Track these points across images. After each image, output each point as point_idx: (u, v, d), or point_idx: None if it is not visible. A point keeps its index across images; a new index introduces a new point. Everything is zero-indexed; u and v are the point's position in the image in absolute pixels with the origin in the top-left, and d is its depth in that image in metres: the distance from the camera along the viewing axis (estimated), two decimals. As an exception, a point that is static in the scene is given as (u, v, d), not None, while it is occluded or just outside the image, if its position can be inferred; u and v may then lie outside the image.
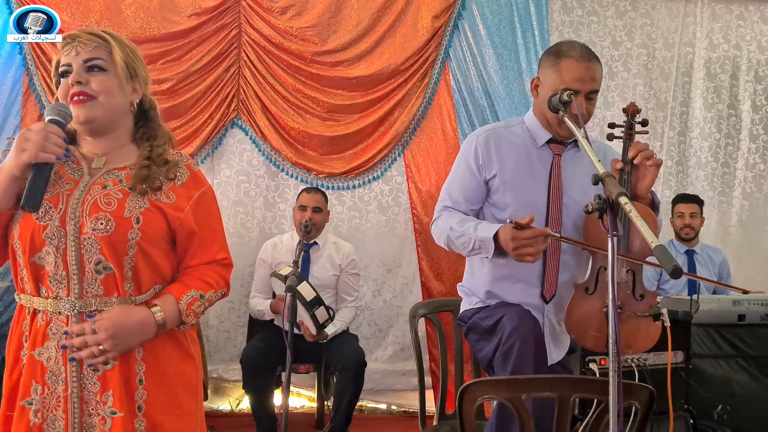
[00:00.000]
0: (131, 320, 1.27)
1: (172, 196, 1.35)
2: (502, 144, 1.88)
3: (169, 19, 3.50)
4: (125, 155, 1.38)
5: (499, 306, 1.80)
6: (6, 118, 3.42)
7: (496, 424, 1.66)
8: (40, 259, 1.28)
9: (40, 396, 1.28)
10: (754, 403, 2.64)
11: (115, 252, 1.28)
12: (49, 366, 1.28)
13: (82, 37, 1.33)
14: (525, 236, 1.63)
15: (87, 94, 1.31)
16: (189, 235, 1.37)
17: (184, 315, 1.33)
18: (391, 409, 3.75)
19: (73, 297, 1.28)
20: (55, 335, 1.28)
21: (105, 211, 1.28)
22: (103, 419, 1.28)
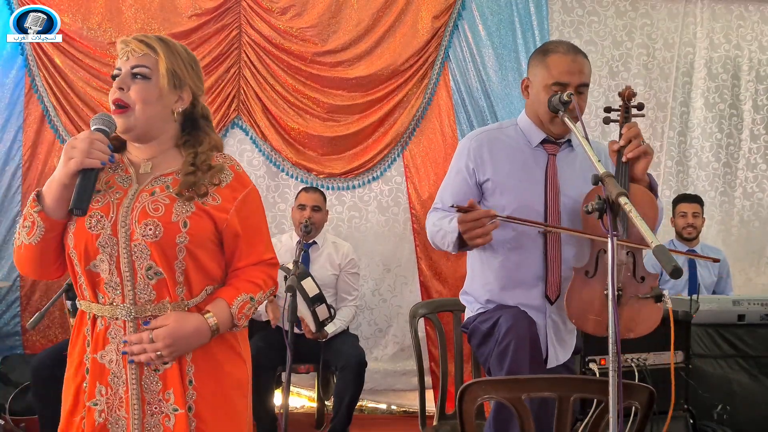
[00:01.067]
0: (187, 328, 1.32)
1: (217, 198, 1.38)
2: (495, 146, 1.88)
3: (170, 20, 3.50)
4: (170, 160, 1.41)
5: (497, 309, 1.80)
6: (8, 119, 3.42)
7: (494, 424, 1.66)
8: (95, 267, 1.32)
9: (104, 397, 1.33)
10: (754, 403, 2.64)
11: (165, 256, 1.31)
12: (111, 368, 1.33)
13: (132, 44, 1.37)
14: (469, 219, 1.65)
15: (124, 103, 1.34)
16: (234, 236, 1.40)
17: (236, 319, 1.38)
18: (391, 409, 3.75)
19: (128, 303, 1.32)
20: (114, 339, 1.33)
21: (153, 217, 1.32)
22: (167, 416, 1.32)
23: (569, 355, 1.85)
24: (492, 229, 1.67)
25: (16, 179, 3.44)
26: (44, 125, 3.46)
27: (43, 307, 2.50)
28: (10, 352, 3.41)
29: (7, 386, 3.20)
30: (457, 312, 2.50)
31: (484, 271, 1.89)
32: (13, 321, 3.42)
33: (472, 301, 1.91)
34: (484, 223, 1.65)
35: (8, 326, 3.42)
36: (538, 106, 1.83)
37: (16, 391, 3.12)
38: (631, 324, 1.68)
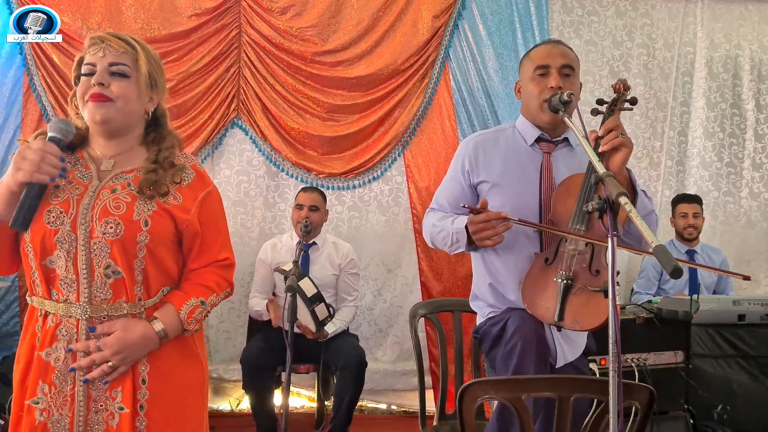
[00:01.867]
0: (134, 335, 1.31)
1: (179, 197, 1.38)
2: (490, 148, 1.89)
3: (170, 20, 3.50)
4: (133, 158, 1.41)
5: (506, 312, 1.80)
6: (6, 119, 3.42)
7: (497, 425, 1.65)
8: (51, 262, 1.30)
9: (46, 395, 1.30)
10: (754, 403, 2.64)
11: (125, 255, 1.30)
12: (57, 366, 1.30)
13: (111, 41, 1.36)
14: (479, 220, 1.67)
15: (106, 97, 1.33)
16: (194, 235, 1.40)
17: (186, 324, 1.37)
18: (391, 409, 3.75)
19: (83, 301, 1.30)
20: (64, 337, 1.31)
21: (114, 215, 1.31)
22: (112, 414, 1.31)
23: (578, 353, 1.83)
24: (502, 231, 1.67)
25: (15, 179, 3.44)
26: (42, 125, 3.44)
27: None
28: (9, 352, 3.40)
29: (7, 386, 3.20)
30: (457, 312, 2.50)
31: (487, 273, 1.89)
32: (12, 321, 3.42)
33: (482, 306, 1.91)
34: (494, 224, 1.66)
35: (8, 326, 3.41)
36: (529, 99, 1.85)
37: (16, 391, 3.11)
38: (576, 315, 1.66)
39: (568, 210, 1.73)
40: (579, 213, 1.70)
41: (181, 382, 1.38)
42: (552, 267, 1.73)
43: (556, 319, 1.67)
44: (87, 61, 1.36)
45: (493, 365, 1.82)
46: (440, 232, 1.84)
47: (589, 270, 1.70)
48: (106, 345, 1.28)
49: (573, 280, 1.68)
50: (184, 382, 1.39)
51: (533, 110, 1.84)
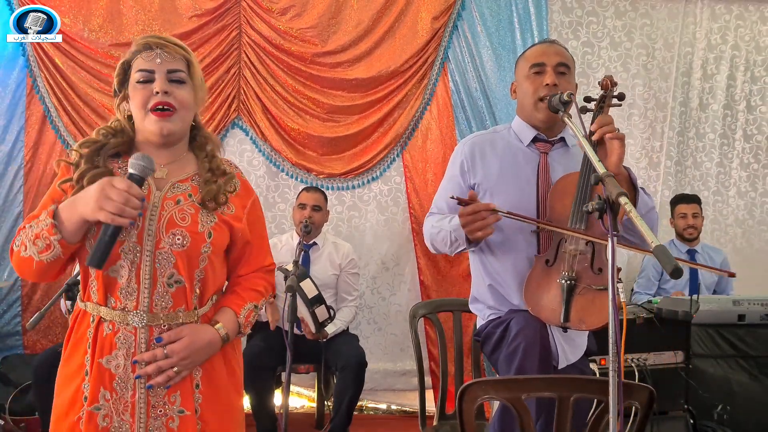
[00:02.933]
0: (201, 341, 1.34)
1: (232, 207, 1.40)
2: (486, 148, 1.89)
3: (170, 21, 3.51)
4: (185, 165, 1.41)
5: (508, 313, 1.79)
6: (10, 120, 3.43)
7: (499, 426, 1.66)
8: (113, 271, 1.30)
9: (108, 402, 1.31)
10: (754, 403, 2.64)
11: (188, 265, 1.32)
12: (118, 373, 1.31)
13: (168, 47, 1.34)
14: (468, 212, 1.66)
15: (171, 106, 1.32)
16: (245, 244, 1.44)
17: (243, 327, 1.42)
18: (391, 409, 3.75)
19: (141, 310, 1.31)
20: (123, 344, 1.31)
21: (181, 227, 1.32)
22: (172, 419, 1.32)
23: (580, 354, 1.82)
24: (493, 222, 1.66)
25: (18, 180, 3.44)
26: (46, 126, 3.46)
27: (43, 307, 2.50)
28: (10, 352, 3.41)
29: (7, 386, 3.20)
30: (457, 312, 2.51)
31: (486, 274, 1.89)
32: (13, 321, 3.42)
33: (482, 308, 1.90)
34: (484, 216, 1.65)
35: (9, 326, 3.42)
36: (524, 98, 1.85)
37: (16, 391, 3.11)
38: (582, 314, 1.65)
39: (566, 210, 1.72)
40: (578, 212, 1.69)
41: (227, 383, 1.41)
42: (553, 268, 1.72)
43: (562, 320, 1.66)
44: (142, 67, 1.33)
45: (496, 367, 1.81)
46: (439, 233, 1.84)
47: (591, 269, 1.70)
48: (174, 352, 1.30)
49: (576, 281, 1.67)
50: (230, 383, 1.42)
51: (528, 109, 1.84)
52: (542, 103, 1.77)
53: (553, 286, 1.70)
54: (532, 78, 1.82)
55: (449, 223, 1.79)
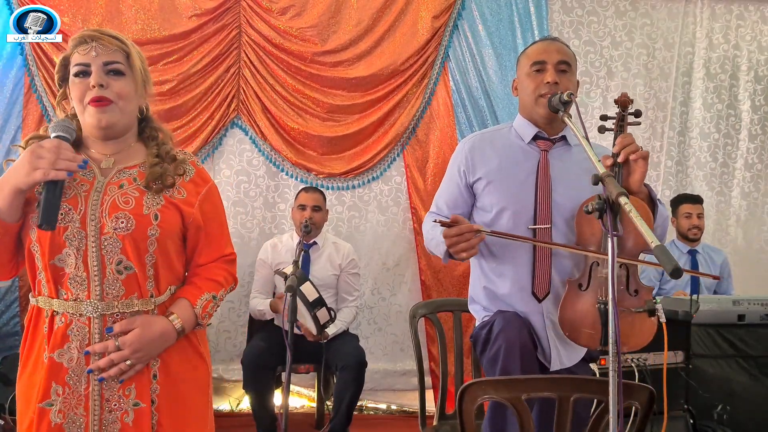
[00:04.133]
0: (154, 332, 1.31)
1: (183, 192, 1.39)
2: (486, 147, 1.88)
3: (170, 21, 3.50)
4: (133, 155, 1.40)
5: (495, 314, 1.79)
6: (7, 119, 3.42)
7: (490, 424, 1.65)
8: (60, 261, 1.29)
9: (60, 396, 1.29)
10: (754, 403, 2.64)
11: (136, 249, 1.30)
12: (70, 367, 1.29)
13: (103, 39, 1.33)
14: (452, 234, 1.65)
15: (107, 100, 1.31)
16: (197, 230, 1.41)
17: (200, 318, 1.39)
18: (391, 409, 3.75)
19: (94, 299, 1.29)
20: (76, 336, 1.29)
21: (124, 210, 1.30)
22: (126, 412, 1.30)
23: (577, 359, 1.81)
24: (477, 243, 1.66)
25: (15, 180, 3.44)
26: (43, 125, 3.43)
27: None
28: (9, 352, 3.40)
29: (7, 386, 3.19)
30: (457, 312, 2.50)
31: (482, 276, 1.88)
32: (12, 321, 3.42)
33: (478, 309, 1.90)
34: (468, 237, 1.65)
35: (8, 326, 3.41)
36: (525, 95, 1.85)
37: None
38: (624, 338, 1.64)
39: (595, 233, 1.70)
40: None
41: (188, 377, 1.39)
42: (588, 293, 1.71)
43: (601, 344, 1.65)
44: (78, 61, 1.33)
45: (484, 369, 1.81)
46: (432, 240, 1.85)
47: (627, 291, 1.69)
48: (125, 344, 1.28)
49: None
50: (191, 377, 1.40)
51: (529, 105, 1.84)
52: (543, 99, 1.77)
53: (589, 310, 1.68)
54: (533, 76, 1.82)
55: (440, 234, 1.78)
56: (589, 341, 1.69)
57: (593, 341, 1.68)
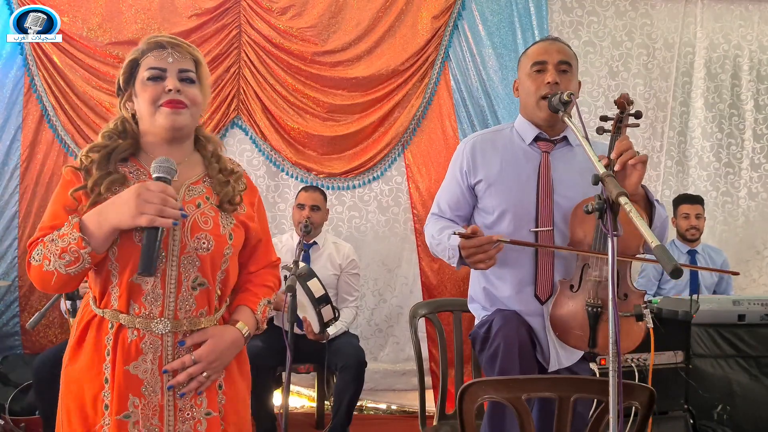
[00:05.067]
0: (226, 342, 1.35)
1: (244, 207, 1.42)
2: (488, 147, 1.88)
3: (170, 21, 3.50)
4: (194, 166, 1.42)
5: (494, 313, 1.80)
6: (7, 119, 3.42)
7: (489, 424, 1.65)
8: (138, 279, 1.29)
9: (137, 408, 1.30)
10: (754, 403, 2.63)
11: (212, 268, 1.34)
12: (146, 378, 1.30)
13: (180, 47, 1.37)
14: (471, 245, 1.66)
15: (183, 104, 1.33)
16: (257, 242, 1.46)
17: (260, 323, 1.45)
18: (391, 409, 3.75)
19: (166, 317, 1.30)
20: (150, 349, 1.30)
21: (204, 231, 1.33)
22: (199, 422, 1.33)
23: (575, 359, 1.82)
24: (495, 254, 1.67)
25: (14, 179, 3.43)
26: (43, 126, 3.45)
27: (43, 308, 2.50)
28: (9, 352, 3.40)
29: (7, 386, 3.20)
30: (458, 312, 2.50)
31: (481, 275, 1.89)
32: (12, 321, 3.42)
33: (477, 308, 1.91)
34: (486, 249, 1.66)
35: (7, 326, 3.41)
36: (526, 96, 1.84)
37: (16, 391, 3.11)
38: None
39: (588, 234, 1.71)
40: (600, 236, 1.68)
41: (243, 384, 1.44)
42: (578, 294, 1.72)
43: (589, 346, 1.67)
44: (152, 65, 1.34)
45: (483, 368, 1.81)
46: (438, 245, 1.85)
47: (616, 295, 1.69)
48: (201, 357, 1.31)
49: (602, 307, 1.67)
50: (245, 383, 1.45)
51: (530, 107, 1.83)
52: (544, 102, 1.76)
53: (578, 312, 1.70)
54: (533, 76, 1.81)
55: (448, 239, 1.79)
56: (578, 342, 1.70)
57: (581, 342, 1.69)
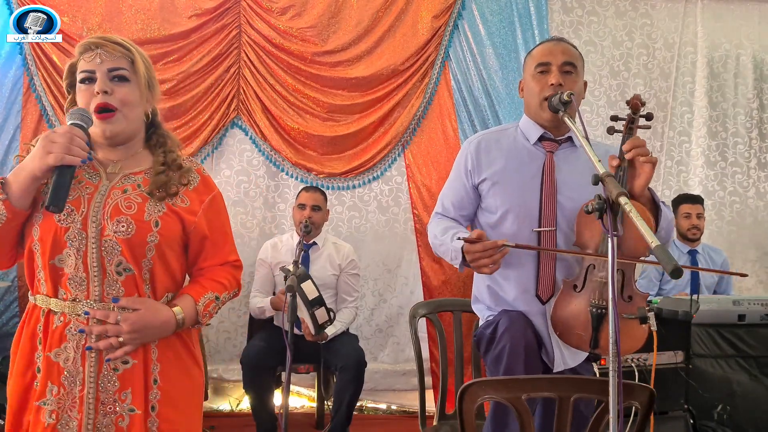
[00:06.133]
0: (157, 319, 1.32)
1: (186, 201, 1.40)
2: (492, 147, 1.88)
3: (170, 21, 3.50)
4: (140, 161, 1.41)
5: (500, 314, 1.80)
6: (6, 118, 3.42)
7: (492, 425, 1.65)
8: (60, 261, 1.29)
9: (55, 397, 1.29)
10: (754, 403, 2.63)
11: (134, 254, 1.31)
12: (66, 367, 1.29)
13: (107, 46, 1.35)
14: (476, 249, 1.66)
15: (111, 106, 1.33)
16: (202, 239, 1.43)
17: (201, 316, 1.39)
18: (391, 409, 3.75)
19: (93, 299, 1.30)
20: (73, 336, 1.30)
21: (126, 215, 1.32)
22: (121, 417, 1.30)
23: (580, 359, 1.81)
24: (500, 258, 1.67)
25: (13, 180, 3.43)
26: (42, 126, 3.45)
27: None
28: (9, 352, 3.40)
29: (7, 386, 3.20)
30: (458, 312, 2.50)
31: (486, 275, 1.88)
32: (11, 321, 3.42)
33: (482, 308, 1.90)
34: (491, 254, 1.65)
35: (7, 326, 3.41)
36: (530, 97, 1.84)
37: (16, 391, 3.11)
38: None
39: (594, 236, 1.70)
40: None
41: (187, 382, 1.40)
42: (582, 295, 1.70)
43: (591, 347, 1.66)
44: (83, 68, 1.34)
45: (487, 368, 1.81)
46: (441, 246, 1.85)
47: (621, 297, 1.68)
48: (126, 320, 1.28)
49: (605, 309, 1.65)
50: (188, 382, 1.40)
51: (534, 108, 1.83)
52: (546, 103, 1.76)
53: (581, 312, 1.69)
54: (537, 77, 1.81)
55: (451, 241, 1.78)
56: (579, 343, 1.69)
57: (583, 343, 1.68)
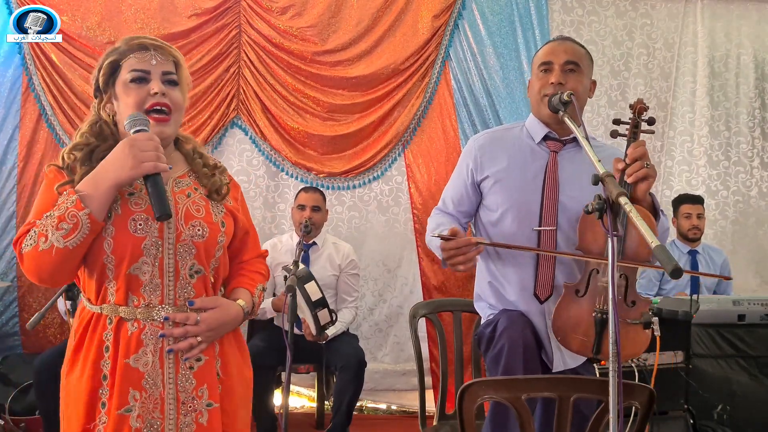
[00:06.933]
0: (230, 315, 1.37)
1: (229, 200, 1.45)
2: (496, 145, 1.88)
3: (169, 20, 3.50)
4: (177, 163, 1.42)
5: (500, 313, 1.80)
6: (5, 118, 3.42)
7: (492, 425, 1.65)
8: (136, 269, 1.29)
9: (138, 401, 1.29)
10: (754, 403, 2.63)
11: (207, 256, 1.36)
12: (147, 371, 1.30)
13: (163, 48, 1.36)
14: (450, 247, 1.65)
15: (169, 107, 1.33)
16: (245, 233, 1.49)
17: (256, 306, 1.46)
18: (391, 409, 3.75)
19: (167, 303, 1.31)
20: (150, 340, 1.30)
21: (198, 218, 1.35)
22: (200, 413, 1.33)
23: (580, 360, 1.81)
24: (474, 256, 1.66)
25: (12, 179, 3.42)
26: (41, 125, 3.45)
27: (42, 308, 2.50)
28: (9, 352, 3.40)
29: (7, 386, 3.19)
30: (457, 312, 2.50)
31: (487, 272, 1.89)
32: (11, 321, 3.42)
33: (484, 307, 1.90)
34: (465, 251, 1.64)
35: (7, 326, 3.41)
36: (532, 95, 1.86)
37: (16, 391, 3.11)
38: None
39: (597, 239, 1.69)
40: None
41: (243, 374, 1.44)
42: (584, 300, 1.69)
43: (593, 353, 1.65)
44: (136, 66, 1.32)
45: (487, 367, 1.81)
46: (432, 241, 1.85)
47: (624, 302, 1.67)
48: (204, 321, 1.32)
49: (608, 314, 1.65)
50: (245, 377, 1.44)
51: (536, 106, 1.84)
52: (547, 99, 1.76)
53: (583, 317, 1.68)
54: (540, 76, 1.82)
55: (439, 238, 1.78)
56: (581, 348, 1.68)
57: (585, 348, 1.67)
